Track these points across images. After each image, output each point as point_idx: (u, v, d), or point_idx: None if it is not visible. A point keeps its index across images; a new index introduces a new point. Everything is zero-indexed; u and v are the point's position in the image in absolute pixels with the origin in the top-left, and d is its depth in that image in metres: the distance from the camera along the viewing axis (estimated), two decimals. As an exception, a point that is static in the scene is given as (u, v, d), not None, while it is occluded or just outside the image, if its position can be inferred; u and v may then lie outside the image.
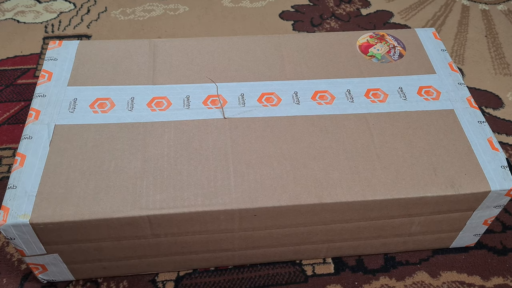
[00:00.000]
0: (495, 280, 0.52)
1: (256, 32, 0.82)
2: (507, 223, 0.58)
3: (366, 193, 0.45)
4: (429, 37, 0.60)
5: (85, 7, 0.85)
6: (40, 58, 0.75)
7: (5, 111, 0.67)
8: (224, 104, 0.51)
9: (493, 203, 0.48)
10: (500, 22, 0.86)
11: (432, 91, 0.54)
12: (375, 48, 0.58)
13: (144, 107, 0.50)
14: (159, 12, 0.85)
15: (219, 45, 0.57)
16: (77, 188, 0.43)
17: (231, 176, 0.45)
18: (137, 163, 0.45)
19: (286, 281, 0.52)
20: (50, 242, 0.44)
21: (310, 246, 0.50)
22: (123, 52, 0.55)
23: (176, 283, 0.51)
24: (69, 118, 0.48)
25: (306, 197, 0.44)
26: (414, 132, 0.49)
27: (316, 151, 0.47)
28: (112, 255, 0.47)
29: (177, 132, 0.48)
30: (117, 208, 0.42)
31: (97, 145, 0.46)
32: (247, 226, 0.46)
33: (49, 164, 0.45)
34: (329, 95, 0.52)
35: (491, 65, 0.78)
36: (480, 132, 0.50)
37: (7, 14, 0.82)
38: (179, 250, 0.48)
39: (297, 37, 0.59)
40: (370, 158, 0.47)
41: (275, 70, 0.54)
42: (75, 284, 0.50)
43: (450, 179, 0.46)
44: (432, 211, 0.47)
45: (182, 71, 0.54)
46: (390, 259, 0.54)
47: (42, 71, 0.53)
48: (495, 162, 0.47)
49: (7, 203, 0.42)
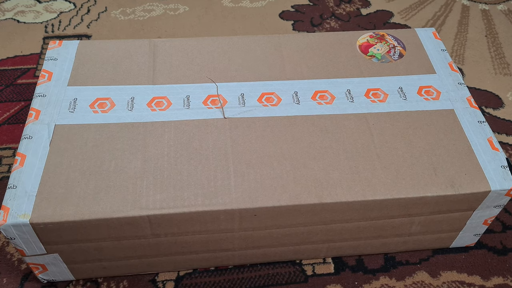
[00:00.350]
0: (495, 280, 0.52)
1: (256, 32, 0.82)
2: (507, 223, 0.58)
3: (366, 193, 0.45)
4: (429, 37, 0.60)
5: (85, 7, 0.85)
6: (40, 58, 0.75)
7: (5, 111, 0.67)
8: (224, 104, 0.51)
9: (493, 203, 0.48)
10: (500, 22, 0.86)
11: (432, 91, 0.54)
12: (375, 48, 0.58)
13: (144, 107, 0.50)
14: (159, 12, 0.85)
15: (219, 45, 0.57)
16: (77, 188, 0.43)
17: (231, 176, 0.45)
18: (137, 163, 0.45)
19: (286, 281, 0.52)
20: (50, 242, 0.44)
21: (310, 246, 0.50)
22: (123, 52, 0.55)
23: (176, 283, 0.51)
24: (69, 118, 0.48)
25: (306, 197, 0.44)
26: (414, 132, 0.49)
27: (316, 151, 0.47)
28: (112, 255, 0.47)
29: (177, 132, 0.48)
30: (117, 208, 0.42)
31: (97, 145, 0.46)
32: (247, 226, 0.46)
33: (49, 164, 0.45)
34: (329, 95, 0.52)
35: (491, 65, 0.78)
36: (480, 132, 0.50)
37: (7, 14, 0.82)
38: (179, 250, 0.48)
39: (297, 37, 0.59)
40: (370, 158, 0.47)
41: (275, 70, 0.54)
42: (75, 284, 0.50)
43: (450, 179, 0.46)
44: (432, 211, 0.47)
45: (182, 71, 0.54)
46: (390, 259, 0.54)
47: (42, 71, 0.53)
48: (495, 162, 0.47)
49: (7, 203, 0.42)
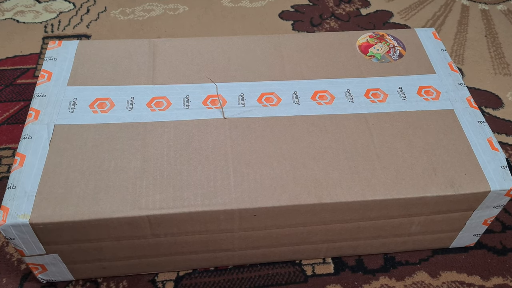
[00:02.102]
0: (495, 280, 0.52)
1: (256, 32, 0.82)
2: (507, 223, 0.58)
3: (366, 193, 0.45)
4: (429, 37, 0.60)
5: (85, 7, 0.85)
6: (40, 58, 0.75)
7: (4, 111, 0.67)
8: (223, 104, 0.51)
9: (493, 203, 0.48)
10: (500, 22, 0.86)
11: (432, 91, 0.54)
12: (375, 48, 0.58)
13: (143, 107, 0.50)
14: (158, 12, 0.85)
15: (219, 45, 0.57)
16: (76, 188, 0.43)
17: (230, 176, 0.45)
18: (137, 163, 0.45)
19: (286, 281, 0.52)
20: (49, 242, 0.44)
21: (310, 246, 0.50)
22: (122, 52, 0.55)
23: (176, 283, 0.51)
24: (69, 118, 0.48)
25: (306, 197, 0.44)
26: (414, 132, 0.49)
27: (316, 151, 0.47)
28: (112, 255, 0.47)
29: (177, 132, 0.48)
30: (117, 208, 0.42)
31: (96, 145, 0.46)
32: (247, 226, 0.46)
33: (49, 164, 0.45)
34: (329, 95, 0.52)
35: (491, 65, 0.78)
36: (480, 132, 0.50)
37: (7, 14, 0.82)
38: (179, 250, 0.48)
39: (297, 37, 0.59)
40: (370, 158, 0.47)
41: (275, 70, 0.54)
42: (74, 284, 0.50)
43: (450, 179, 0.46)
44: (432, 211, 0.47)
45: (182, 71, 0.54)
46: (390, 259, 0.54)
47: (42, 71, 0.53)
48: (495, 162, 0.47)
49: (6, 203, 0.42)
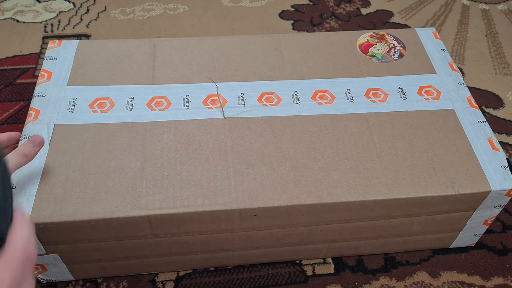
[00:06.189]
0: (495, 280, 0.52)
1: (256, 31, 0.82)
2: (507, 223, 0.58)
3: (366, 193, 0.44)
4: (429, 36, 0.60)
5: (85, 7, 0.85)
6: (40, 58, 0.75)
7: (4, 110, 0.67)
8: (224, 104, 0.51)
9: (493, 203, 0.48)
10: (500, 22, 0.86)
11: (432, 91, 0.53)
12: (375, 48, 0.58)
13: (143, 106, 0.50)
14: (158, 11, 0.85)
15: (219, 45, 0.57)
16: (76, 188, 0.43)
17: (231, 176, 0.45)
18: (137, 163, 0.45)
19: (286, 281, 0.51)
20: (49, 242, 0.44)
21: (310, 246, 0.50)
22: (122, 51, 0.55)
23: (176, 283, 0.51)
24: (69, 118, 0.48)
25: (306, 197, 0.44)
26: (414, 132, 0.49)
27: (316, 151, 0.47)
28: (112, 255, 0.47)
29: (177, 132, 0.48)
30: (117, 208, 0.42)
31: (96, 145, 0.46)
32: (247, 226, 0.46)
33: (49, 164, 0.45)
34: (329, 94, 0.52)
35: (491, 64, 0.78)
36: (481, 132, 0.50)
37: (7, 13, 0.82)
38: (179, 250, 0.48)
39: (297, 37, 0.59)
40: (370, 158, 0.47)
41: (275, 70, 0.54)
42: (74, 284, 0.50)
43: (450, 179, 0.46)
44: (432, 211, 0.47)
45: (182, 70, 0.54)
46: (390, 259, 0.54)
47: (42, 70, 0.53)
48: (495, 162, 0.47)
49: (6, 203, 0.42)
